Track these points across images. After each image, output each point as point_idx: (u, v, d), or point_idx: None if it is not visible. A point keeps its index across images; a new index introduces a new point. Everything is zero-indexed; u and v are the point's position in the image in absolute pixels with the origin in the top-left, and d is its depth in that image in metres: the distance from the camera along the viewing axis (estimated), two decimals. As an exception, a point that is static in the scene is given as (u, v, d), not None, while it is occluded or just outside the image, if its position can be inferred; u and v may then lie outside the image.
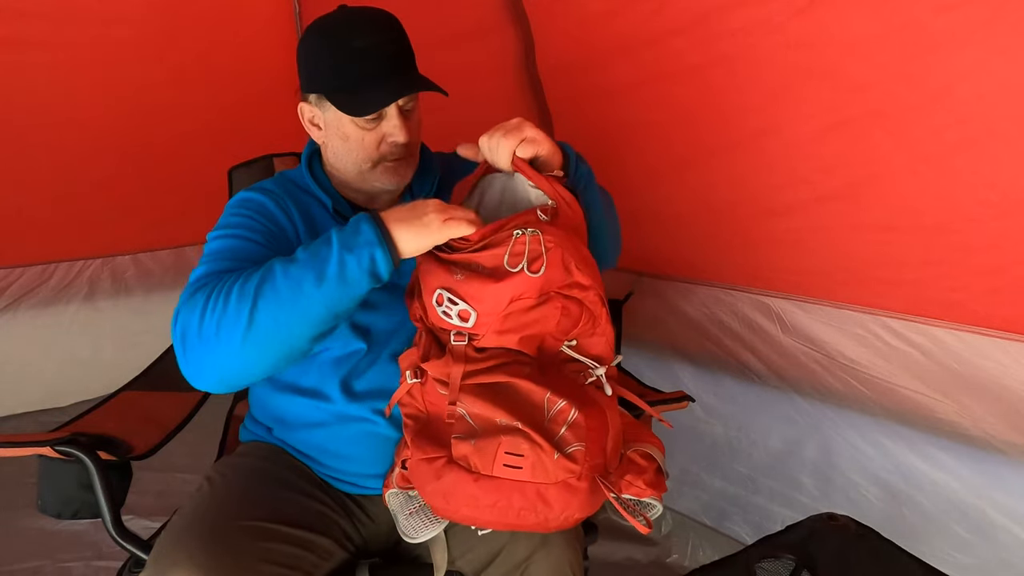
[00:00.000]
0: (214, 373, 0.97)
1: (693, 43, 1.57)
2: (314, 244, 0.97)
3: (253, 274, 0.96)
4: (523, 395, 0.94)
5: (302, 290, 0.93)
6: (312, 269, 0.94)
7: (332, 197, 1.20)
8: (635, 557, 2.00)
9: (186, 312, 0.97)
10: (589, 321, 1.00)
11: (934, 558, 1.11)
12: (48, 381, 2.69)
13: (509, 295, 0.94)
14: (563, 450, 0.89)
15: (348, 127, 1.14)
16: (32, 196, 2.44)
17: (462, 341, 0.97)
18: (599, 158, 1.25)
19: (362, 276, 0.94)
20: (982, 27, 1.16)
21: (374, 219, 0.96)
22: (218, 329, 0.93)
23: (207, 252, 1.08)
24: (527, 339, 0.98)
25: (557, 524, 0.92)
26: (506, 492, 0.90)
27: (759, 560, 1.10)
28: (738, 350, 1.84)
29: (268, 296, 0.93)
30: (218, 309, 0.94)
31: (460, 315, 0.96)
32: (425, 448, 0.97)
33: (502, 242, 0.95)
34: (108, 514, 1.07)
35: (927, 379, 1.48)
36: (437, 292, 0.97)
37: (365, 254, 0.94)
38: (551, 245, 0.94)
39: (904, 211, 1.39)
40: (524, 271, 0.93)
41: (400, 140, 1.13)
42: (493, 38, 2.11)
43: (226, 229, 1.11)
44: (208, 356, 0.95)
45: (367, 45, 1.11)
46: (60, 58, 2.30)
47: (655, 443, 1.02)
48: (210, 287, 0.97)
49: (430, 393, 1.01)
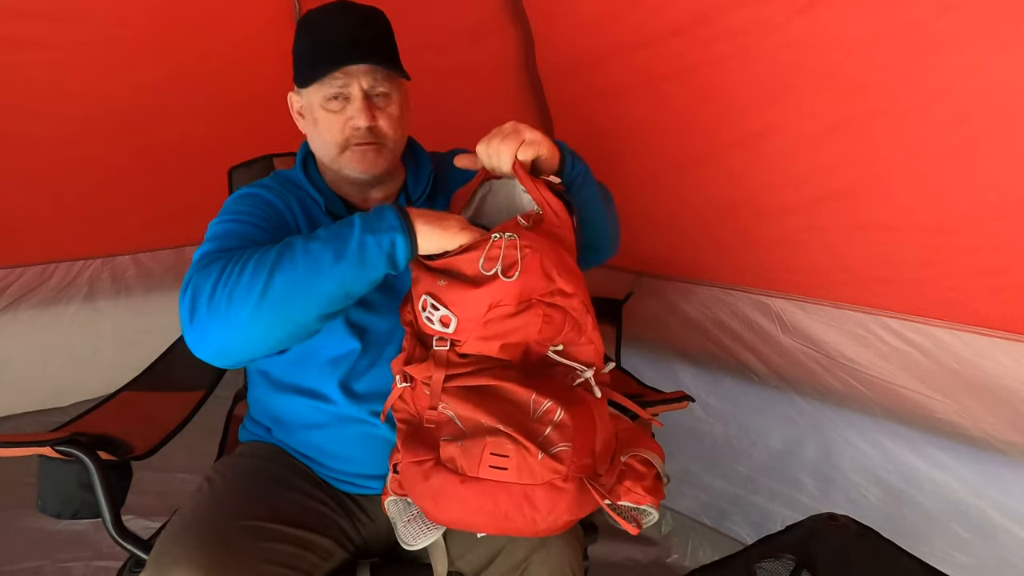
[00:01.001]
0: (217, 343, 0.96)
1: (693, 43, 1.57)
2: (335, 225, 0.98)
3: (271, 248, 0.97)
4: (508, 396, 0.94)
5: (320, 266, 0.94)
6: (332, 246, 0.95)
7: (325, 196, 1.20)
8: (635, 557, 2.00)
9: (199, 279, 0.97)
10: (574, 329, 0.99)
11: (934, 558, 1.11)
12: (48, 381, 2.69)
13: (488, 301, 0.93)
14: (548, 450, 0.89)
15: (318, 111, 1.14)
16: (32, 196, 2.44)
17: (444, 346, 0.97)
18: (599, 158, 1.25)
19: (380, 259, 0.95)
20: (982, 27, 1.16)
21: (398, 209, 0.98)
22: (230, 299, 0.93)
23: (212, 234, 1.08)
24: (509, 347, 0.97)
25: (546, 526, 0.92)
26: (492, 493, 0.90)
27: (759, 560, 1.10)
28: (738, 350, 1.84)
29: (285, 268, 0.94)
30: (232, 278, 0.94)
31: (442, 320, 0.96)
32: (415, 451, 0.97)
33: (478, 246, 0.95)
34: (108, 514, 1.07)
35: (927, 379, 1.48)
36: (423, 297, 0.97)
37: (386, 238, 0.95)
38: (527, 251, 0.93)
39: (904, 211, 1.39)
40: (499, 275, 0.92)
41: (360, 123, 1.12)
42: (493, 39, 2.11)
43: (230, 215, 1.11)
44: (214, 325, 0.95)
45: (336, 25, 1.13)
46: (60, 58, 2.30)
47: (655, 449, 1.01)
48: (225, 259, 0.97)
49: (420, 397, 1.01)
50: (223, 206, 1.17)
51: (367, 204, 1.24)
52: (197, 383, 1.40)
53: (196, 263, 1.01)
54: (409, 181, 1.27)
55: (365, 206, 1.23)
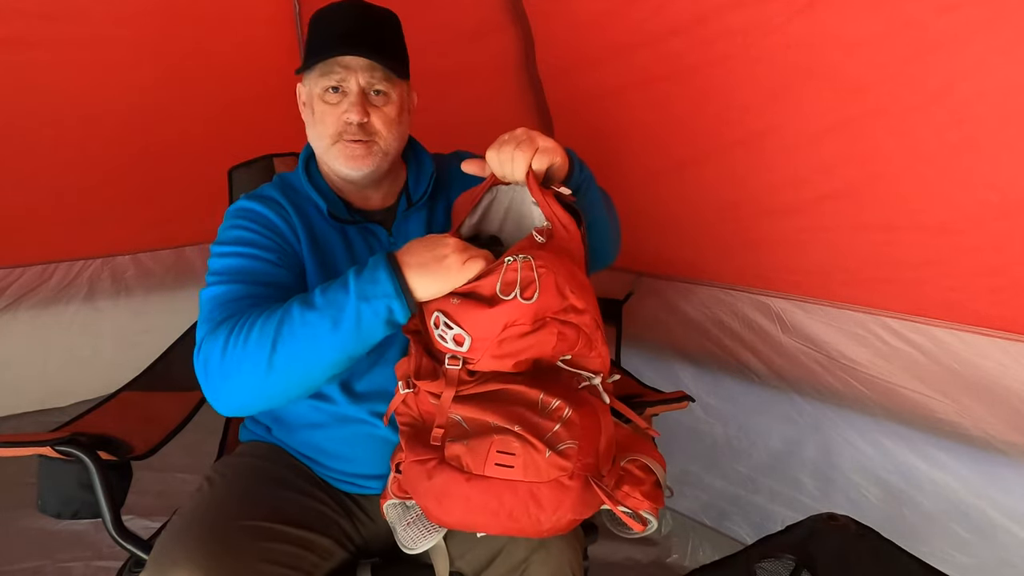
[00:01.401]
0: (235, 404, 1.00)
1: (693, 43, 1.57)
2: (332, 288, 0.97)
3: (272, 316, 0.97)
4: (516, 397, 0.94)
5: (318, 337, 0.94)
6: (329, 317, 0.94)
7: (327, 199, 1.19)
8: (635, 557, 2.00)
9: (208, 345, 0.99)
10: (585, 344, 0.99)
11: (934, 558, 1.11)
12: (48, 381, 2.70)
13: (503, 321, 0.93)
14: (555, 447, 0.89)
15: (317, 102, 1.15)
16: (32, 196, 2.44)
17: (456, 365, 0.97)
18: (599, 158, 1.24)
19: (378, 325, 0.95)
20: (982, 27, 1.16)
21: (391, 266, 0.95)
22: (239, 367, 0.96)
23: (218, 268, 1.08)
24: (522, 364, 0.97)
25: (550, 525, 0.92)
26: (497, 492, 0.90)
27: (759, 560, 1.10)
28: (738, 350, 1.84)
29: (286, 340, 0.94)
30: (238, 348, 0.96)
31: (455, 339, 0.95)
32: (418, 450, 0.97)
33: (494, 270, 0.94)
34: (108, 514, 1.07)
35: (927, 379, 1.48)
36: (435, 314, 0.96)
37: (382, 305, 0.94)
38: (543, 271, 0.93)
39: (904, 211, 1.39)
40: (517, 298, 0.92)
41: (352, 118, 1.12)
42: (493, 39, 2.11)
43: (236, 246, 1.10)
44: (229, 389, 0.98)
45: (341, 17, 1.15)
46: (60, 58, 2.30)
47: (656, 457, 1.01)
48: (230, 323, 0.99)
49: (424, 402, 1.01)
50: (225, 219, 1.16)
51: (368, 205, 1.24)
52: (197, 383, 1.40)
53: (204, 320, 1.02)
54: (410, 182, 1.26)
55: (367, 207, 1.23)
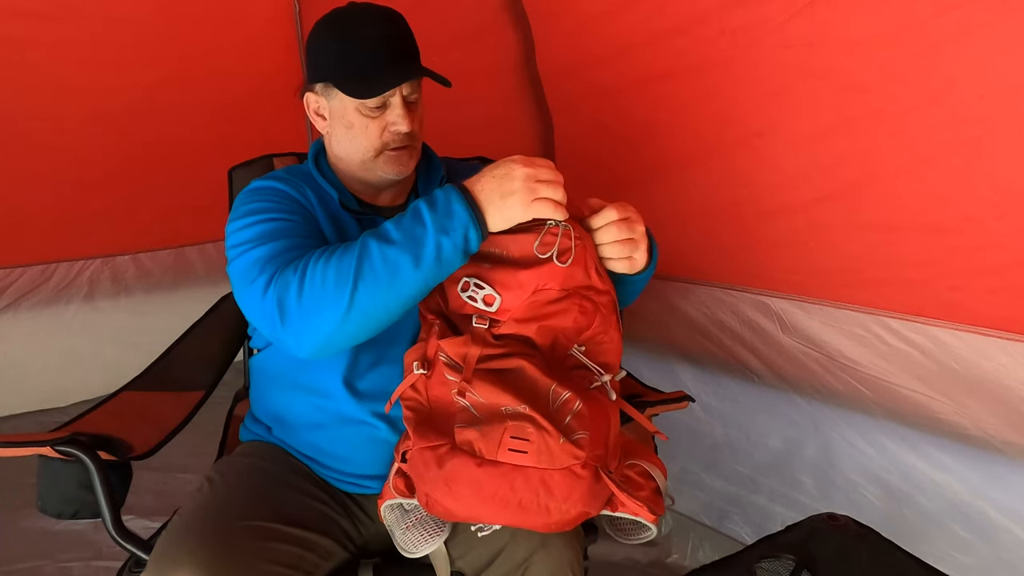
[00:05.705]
0: (316, 343, 1.00)
1: (693, 43, 1.57)
2: (405, 222, 0.98)
3: (347, 253, 0.98)
4: (530, 382, 0.95)
5: (400, 273, 0.96)
6: (409, 252, 0.96)
7: (339, 191, 1.20)
8: (635, 557, 2.00)
9: (278, 290, 0.99)
10: (602, 324, 1.03)
11: (934, 558, 1.11)
12: (48, 381, 2.70)
13: (535, 283, 0.99)
14: (569, 436, 0.90)
15: (352, 115, 1.15)
16: (32, 196, 2.45)
17: (483, 324, 1.01)
18: (599, 158, 1.25)
19: (456, 256, 0.97)
20: (982, 27, 1.16)
21: (465, 196, 0.97)
22: (319, 307, 0.96)
23: (248, 237, 1.07)
24: (545, 329, 1.00)
25: (559, 516, 0.91)
26: (509, 478, 0.90)
27: (759, 560, 1.10)
28: (738, 350, 1.84)
29: (368, 278, 0.96)
30: (315, 288, 0.96)
31: (485, 299, 1.00)
32: (428, 436, 0.97)
33: (532, 229, 0.99)
34: (108, 514, 1.07)
35: (927, 379, 1.48)
36: (464, 279, 1.01)
37: (460, 235, 0.96)
38: (579, 243, 0.99)
39: (904, 211, 1.39)
40: (553, 259, 0.97)
41: (403, 129, 1.15)
42: (493, 38, 2.11)
43: (260, 215, 1.10)
44: (311, 330, 0.98)
45: (374, 34, 1.14)
46: (60, 58, 2.31)
47: (657, 464, 1.01)
48: (297, 267, 0.99)
49: (435, 387, 1.02)
50: (238, 201, 1.16)
51: (378, 200, 1.26)
52: (197, 383, 1.40)
53: (257, 277, 1.02)
54: (420, 183, 1.28)
55: (376, 202, 1.25)
